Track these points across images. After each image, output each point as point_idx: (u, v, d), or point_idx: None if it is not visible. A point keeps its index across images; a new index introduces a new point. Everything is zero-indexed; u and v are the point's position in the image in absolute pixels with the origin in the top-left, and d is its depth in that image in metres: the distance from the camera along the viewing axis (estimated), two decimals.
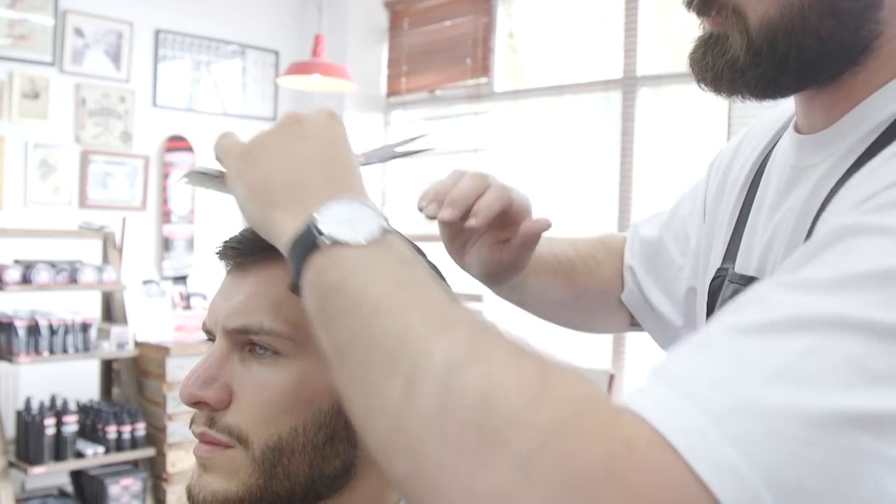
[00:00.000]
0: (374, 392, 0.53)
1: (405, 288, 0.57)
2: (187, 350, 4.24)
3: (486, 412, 0.48)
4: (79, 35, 4.68)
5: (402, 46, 5.44)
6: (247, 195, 0.68)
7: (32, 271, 3.98)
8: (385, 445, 0.53)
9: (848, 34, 0.69)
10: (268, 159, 0.69)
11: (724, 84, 0.75)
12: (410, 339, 0.53)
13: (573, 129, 4.59)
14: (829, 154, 0.74)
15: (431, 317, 0.54)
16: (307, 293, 0.61)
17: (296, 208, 0.64)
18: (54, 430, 3.93)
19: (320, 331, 0.60)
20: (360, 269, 0.58)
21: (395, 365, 0.53)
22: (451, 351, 0.51)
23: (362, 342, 0.55)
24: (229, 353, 0.76)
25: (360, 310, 0.56)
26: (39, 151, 4.56)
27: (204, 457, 0.75)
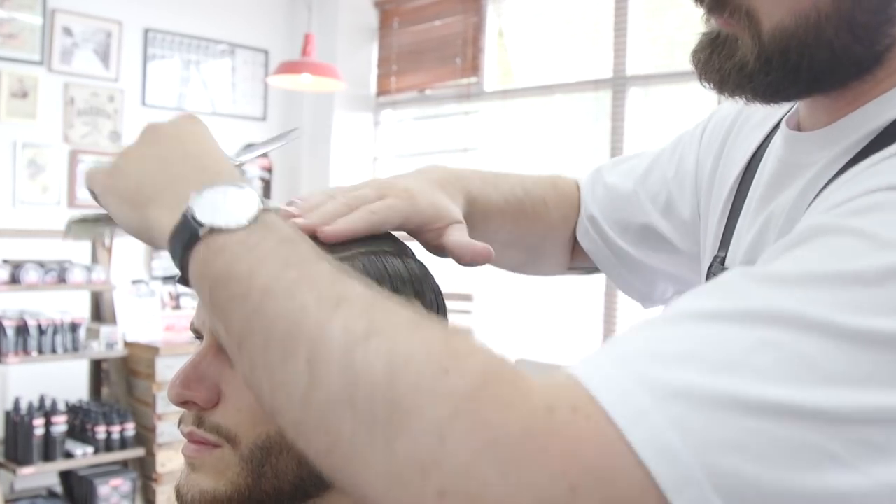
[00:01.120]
0: (278, 376, 0.54)
1: (292, 267, 0.57)
2: (177, 350, 4.23)
3: (394, 384, 0.49)
4: (67, 34, 4.66)
5: (392, 46, 5.44)
6: (118, 203, 0.68)
7: (21, 271, 3.97)
8: (297, 427, 0.53)
9: (862, 48, 0.68)
10: (134, 165, 0.69)
11: (730, 86, 0.74)
12: (306, 319, 0.53)
13: (563, 129, 4.60)
14: (822, 155, 0.74)
15: (323, 294, 0.55)
16: (195, 285, 0.60)
17: (171, 202, 0.63)
18: (43, 430, 3.92)
19: (215, 321, 0.60)
20: (243, 254, 0.58)
21: (295, 347, 0.53)
22: (348, 327, 0.52)
23: (258, 328, 0.55)
24: (217, 352, 0.76)
25: (251, 295, 0.56)
26: (28, 151, 4.54)
27: (192, 456, 0.75)
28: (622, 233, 1.06)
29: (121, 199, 0.68)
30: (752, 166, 0.89)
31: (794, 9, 0.67)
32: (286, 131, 0.89)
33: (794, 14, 0.67)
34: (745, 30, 0.70)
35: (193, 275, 0.60)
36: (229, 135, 5.37)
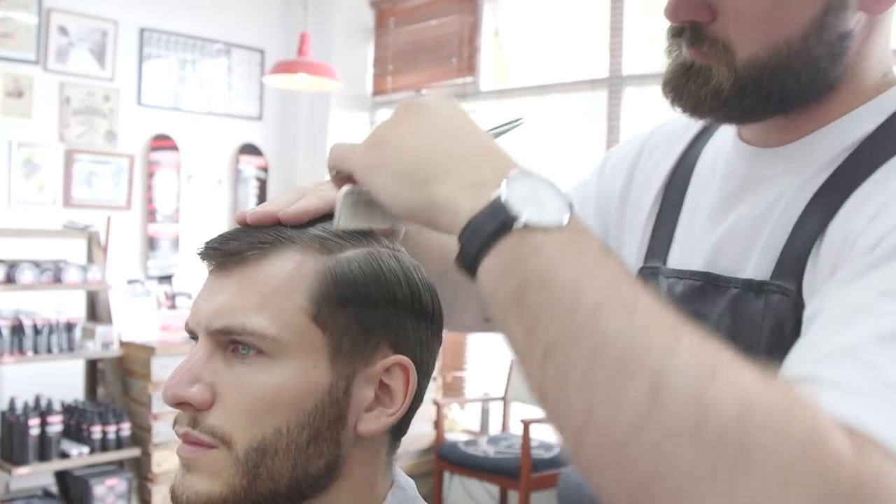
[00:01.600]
0: (604, 393, 0.52)
1: (621, 285, 0.55)
2: (172, 350, 4.23)
3: (745, 426, 0.49)
4: (63, 33, 4.66)
5: (388, 45, 5.44)
6: (393, 179, 0.64)
7: (16, 271, 3.96)
8: (617, 448, 0.51)
9: (822, 77, 0.80)
10: (403, 139, 0.65)
11: (704, 109, 0.83)
12: (649, 344, 0.52)
13: (559, 129, 4.60)
14: (790, 168, 0.83)
15: (659, 321, 0.53)
16: (493, 276, 0.57)
17: (464, 182, 0.61)
18: (39, 430, 3.91)
19: (511, 318, 0.56)
20: (567, 260, 0.55)
21: (635, 370, 0.51)
22: (696, 361, 0.51)
23: (585, 341, 0.53)
24: (212, 353, 0.76)
25: (579, 307, 0.53)
26: (23, 150, 4.54)
27: (187, 457, 0.75)
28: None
29: (396, 174, 0.64)
30: (676, 182, 0.97)
31: (768, 43, 0.78)
32: (511, 120, 0.83)
33: (768, 48, 0.78)
34: (720, 61, 0.80)
35: (494, 267, 0.57)
36: (225, 134, 5.37)
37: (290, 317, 0.74)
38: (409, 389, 0.79)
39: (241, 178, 5.44)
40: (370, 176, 0.66)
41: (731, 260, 0.86)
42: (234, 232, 0.78)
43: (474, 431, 4.96)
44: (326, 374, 0.75)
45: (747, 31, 0.79)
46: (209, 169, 5.32)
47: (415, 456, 4.57)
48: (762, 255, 0.83)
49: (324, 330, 0.75)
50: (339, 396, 0.76)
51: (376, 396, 0.78)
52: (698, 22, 0.81)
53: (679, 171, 0.98)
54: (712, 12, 0.80)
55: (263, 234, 0.77)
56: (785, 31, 0.78)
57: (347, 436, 0.77)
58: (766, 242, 0.83)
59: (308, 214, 0.78)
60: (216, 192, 5.36)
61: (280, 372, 0.74)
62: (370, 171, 0.66)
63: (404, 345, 0.79)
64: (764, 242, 0.83)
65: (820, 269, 0.76)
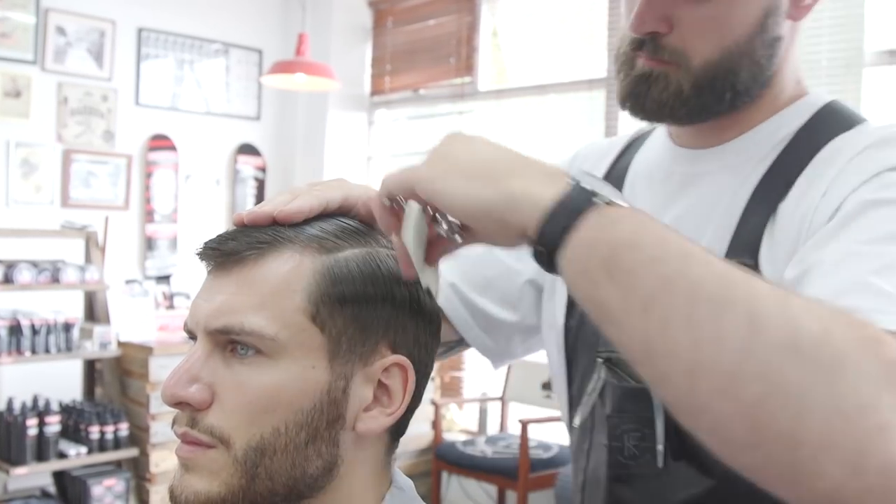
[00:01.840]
0: (708, 330, 0.58)
1: (689, 242, 0.63)
2: (170, 350, 4.23)
3: (830, 338, 0.57)
4: (61, 33, 4.65)
5: (386, 45, 5.44)
6: (466, 181, 0.68)
7: (14, 271, 3.96)
8: (729, 374, 0.58)
9: (761, 74, 0.94)
10: (465, 151, 0.70)
11: (665, 112, 0.95)
12: (735, 280, 0.60)
13: (557, 129, 4.61)
14: (727, 164, 0.97)
15: (729, 266, 0.62)
16: (582, 248, 0.63)
17: (538, 176, 0.67)
18: (36, 430, 3.91)
19: (603, 282, 0.62)
20: (645, 224, 0.64)
21: (731, 303, 0.59)
22: (773, 290, 0.60)
23: (680, 288, 0.60)
24: (211, 353, 0.76)
25: (669, 259, 0.61)
26: (21, 150, 4.53)
27: (186, 457, 0.75)
28: (483, 292, 1.16)
29: (469, 176, 0.68)
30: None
31: (721, 45, 0.91)
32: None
33: (720, 49, 0.91)
34: (678, 66, 0.92)
35: (583, 239, 0.63)
36: (223, 134, 5.37)
37: (289, 316, 0.75)
38: (407, 389, 0.79)
39: (239, 178, 5.44)
40: (440, 184, 0.69)
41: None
42: (233, 232, 0.78)
43: (472, 431, 4.96)
44: (325, 374, 0.75)
45: (702, 38, 0.91)
46: (207, 169, 5.32)
47: (413, 456, 4.57)
48: (714, 239, 0.94)
49: (322, 330, 0.75)
50: (337, 396, 0.76)
51: (375, 396, 0.78)
52: (658, 34, 0.92)
53: (611, 179, 1.10)
54: (669, 24, 0.91)
55: (262, 234, 0.77)
56: (734, 35, 0.91)
57: (346, 436, 0.77)
58: (717, 227, 0.94)
59: (303, 214, 0.79)
60: (214, 192, 5.36)
61: (279, 372, 0.74)
62: (439, 180, 0.69)
63: (403, 344, 0.79)
64: (714, 228, 0.95)
65: (779, 242, 0.88)
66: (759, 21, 0.91)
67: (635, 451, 0.97)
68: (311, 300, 0.75)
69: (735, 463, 0.61)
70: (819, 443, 0.56)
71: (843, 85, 3.49)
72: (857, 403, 0.56)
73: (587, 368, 1.04)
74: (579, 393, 1.06)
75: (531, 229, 0.66)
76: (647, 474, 0.96)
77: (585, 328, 1.04)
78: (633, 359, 0.63)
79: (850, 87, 3.48)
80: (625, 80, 0.97)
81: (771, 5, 0.92)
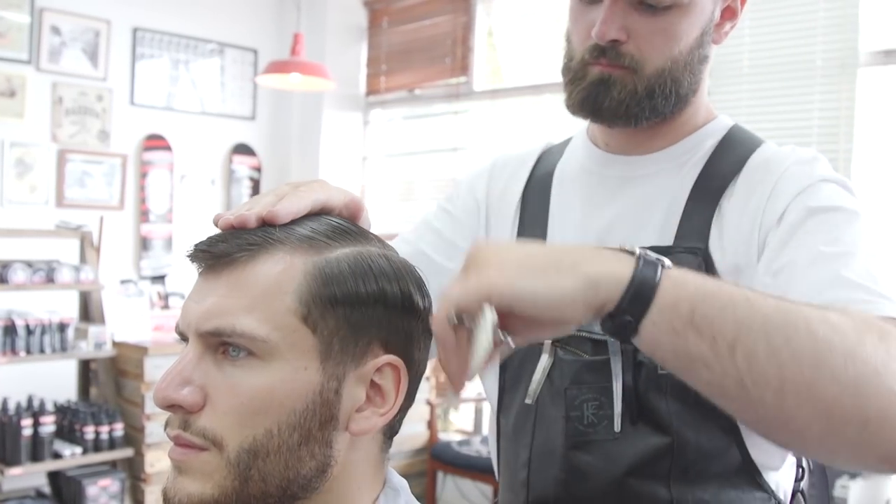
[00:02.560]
0: (786, 350, 0.70)
1: (733, 286, 0.76)
2: (165, 350, 4.22)
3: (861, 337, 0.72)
4: (55, 33, 4.65)
5: (382, 45, 5.44)
6: (537, 274, 0.72)
7: (9, 271, 3.95)
8: (809, 384, 0.70)
9: (695, 83, 1.11)
10: (523, 255, 0.75)
11: (620, 112, 1.08)
12: (787, 309, 0.73)
13: (552, 129, 4.60)
14: (662, 168, 1.12)
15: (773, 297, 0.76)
16: (666, 311, 0.72)
17: (605, 260, 0.74)
18: (31, 430, 3.90)
19: (691, 337, 0.71)
20: (701, 279, 0.74)
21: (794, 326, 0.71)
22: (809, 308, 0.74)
23: (756, 324, 0.71)
24: (203, 355, 0.76)
25: (739, 302, 0.72)
26: (16, 150, 4.52)
27: (179, 459, 0.75)
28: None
29: (539, 270, 0.73)
30: (533, 193, 1.22)
31: (670, 55, 1.07)
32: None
33: (670, 59, 1.07)
34: (632, 71, 1.06)
35: (665, 304, 0.72)
36: (218, 134, 5.36)
37: (280, 318, 0.74)
38: (400, 389, 0.80)
39: (234, 178, 5.44)
40: (519, 283, 0.72)
41: (624, 239, 1.07)
42: (223, 234, 0.78)
43: (468, 431, 4.96)
44: (317, 375, 0.75)
45: (654, 47, 1.06)
46: (202, 169, 5.31)
47: (408, 456, 4.57)
48: (659, 229, 1.08)
49: (314, 331, 0.75)
50: (330, 397, 0.76)
51: (368, 396, 0.78)
52: (618, 42, 1.05)
53: (532, 184, 1.23)
54: (627, 34, 1.05)
55: (252, 236, 0.77)
56: (680, 46, 1.07)
57: (339, 436, 0.77)
58: (661, 219, 1.09)
59: (291, 214, 0.80)
60: (209, 192, 5.36)
61: (270, 373, 0.74)
62: (517, 280, 0.72)
63: (395, 344, 0.79)
64: (658, 219, 1.09)
65: (728, 232, 1.04)
66: (698, 38, 1.08)
67: (594, 418, 1.07)
68: (302, 301, 0.75)
69: (812, 451, 0.80)
70: (881, 418, 0.70)
71: (838, 85, 3.50)
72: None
73: (527, 353, 1.12)
74: (517, 377, 1.15)
75: (611, 306, 0.73)
76: (604, 439, 1.06)
77: None
78: (727, 394, 0.73)
79: (844, 88, 3.48)
80: (578, 87, 1.10)
81: (706, 26, 1.08)
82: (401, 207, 5.29)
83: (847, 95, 3.47)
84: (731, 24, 1.13)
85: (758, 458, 1.05)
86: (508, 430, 1.17)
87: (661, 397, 1.03)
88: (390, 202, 5.39)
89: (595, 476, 1.07)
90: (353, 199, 0.87)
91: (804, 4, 3.54)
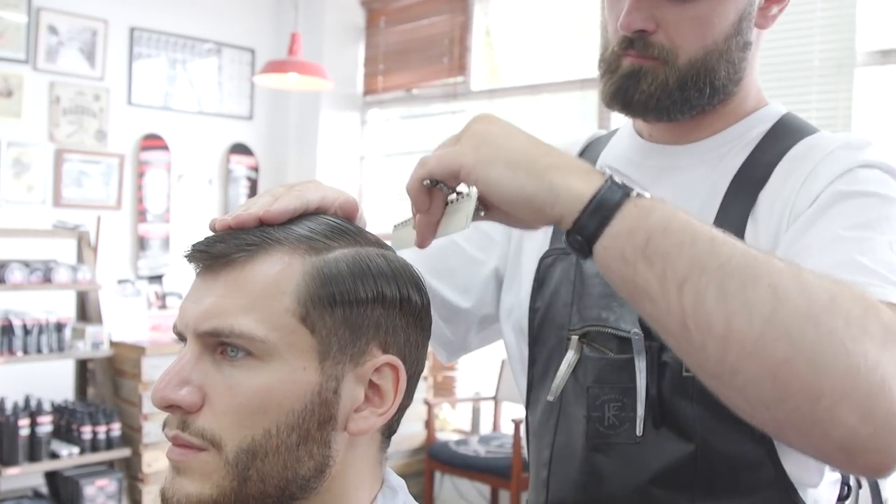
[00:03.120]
0: (738, 302, 0.68)
1: (710, 227, 0.73)
2: (163, 350, 4.22)
3: (837, 303, 0.69)
4: (53, 32, 4.64)
5: (379, 45, 5.44)
6: (510, 171, 0.75)
7: (6, 271, 3.95)
8: (758, 339, 0.67)
9: (735, 73, 1.04)
10: (504, 141, 0.77)
11: (652, 104, 1.02)
12: (756, 257, 0.70)
13: (550, 128, 4.61)
14: (703, 159, 1.07)
15: (745, 246, 0.72)
16: (620, 238, 0.72)
17: (572, 171, 0.75)
18: (28, 430, 3.90)
19: (640, 268, 0.71)
20: (672, 211, 0.72)
21: (756, 277, 0.69)
22: (788, 265, 0.71)
23: (711, 265, 0.69)
24: (201, 355, 0.76)
25: (699, 240, 0.70)
26: (13, 150, 4.52)
27: (177, 460, 0.75)
28: (444, 279, 1.20)
29: (513, 166, 0.75)
30: None
31: (703, 45, 1.00)
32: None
33: (703, 48, 1.00)
34: (664, 63, 1.01)
35: (621, 230, 0.72)
36: (216, 134, 5.36)
37: (279, 318, 0.74)
38: (398, 389, 0.79)
39: (231, 177, 5.43)
40: (486, 170, 0.76)
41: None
42: (221, 234, 0.78)
43: (465, 431, 4.96)
44: (316, 376, 0.75)
45: (686, 37, 1.00)
46: (199, 168, 5.31)
47: (405, 455, 4.57)
48: None
49: (312, 331, 0.75)
50: (328, 397, 0.76)
51: (366, 396, 0.78)
52: (645, 32, 1.00)
53: None
54: (655, 24, 1.00)
55: (250, 236, 0.77)
56: (714, 35, 1.00)
57: (337, 437, 0.77)
58: (698, 212, 0.99)
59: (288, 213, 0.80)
60: (207, 191, 5.35)
61: (269, 374, 0.74)
62: (486, 165, 0.76)
63: (393, 344, 0.79)
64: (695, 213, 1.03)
65: (762, 225, 0.98)
66: (735, 24, 1.01)
67: (615, 420, 1.02)
68: (300, 301, 0.75)
69: (759, 419, 0.72)
70: (836, 394, 0.67)
71: (835, 85, 3.50)
72: (865, 360, 0.67)
73: (555, 348, 1.09)
74: (544, 372, 1.11)
75: (568, 220, 0.74)
76: (626, 443, 1.01)
77: (553, 310, 1.09)
78: (668, 332, 0.72)
79: (841, 88, 3.49)
80: (611, 79, 1.05)
81: (744, 11, 1.01)
82: (398, 207, 5.29)
83: (844, 95, 3.47)
84: (779, 7, 1.06)
85: (793, 472, 0.96)
86: (535, 426, 1.14)
87: (687, 402, 0.97)
88: (388, 202, 5.39)
89: (615, 481, 1.02)
90: (349, 198, 0.87)
91: (801, 4, 3.55)
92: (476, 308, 1.21)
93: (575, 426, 1.06)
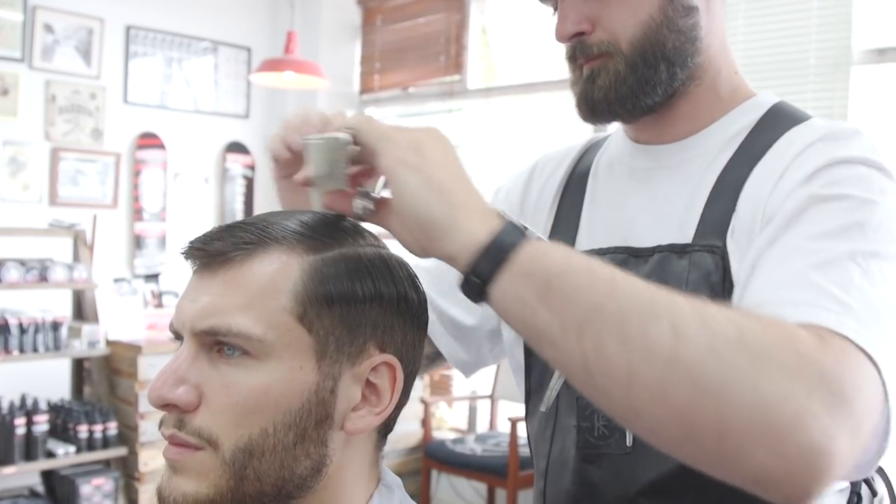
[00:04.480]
0: (639, 343, 0.66)
1: (609, 266, 0.71)
2: (159, 348, 4.21)
3: (744, 339, 0.66)
4: (48, 31, 4.63)
5: (375, 43, 5.44)
6: (425, 187, 0.74)
7: (2, 269, 3.94)
8: (660, 381, 0.66)
9: (689, 44, 1.00)
10: (438, 160, 0.76)
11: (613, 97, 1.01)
12: (657, 298, 0.68)
13: (546, 127, 4.61)
14: (687, 157, 1.04)
15: (649, 285, 0.70)
16: (518, 280, 0.70)
17: (479, 211, 0.74)
18: (25, 429, 3.89)
19: (540, 310, 0.69)
20: (572, 255, 0.72)
21: (656, 317, 0.67)
22: (691, 303, 0.68)
23: (611, 308, 0.67)
24: (197, 354, 0.76)
25: (598, 284, 0.69)
26: (9, 149, 4.51)
27: (174, 459, 0.75)
28: (447, 296, 1.18)
29: (431, 185, 0.74)
30: (572, 186, 1.17)
31: (637, 21, 0.98)
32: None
33: (640, 26, 0.98)
34: (609, 56, 1.00)
35: (517, 272, 0.70)
36: (212, 133, 5.36)
37: (276, 317, 0.74)
38: (395, 388, 0.79)
39: (227, 176, 5.43)
40: (405, 173, 0.75)
41: (645, 233, 1.03)
42: (218, 232, 0.78)
43: (462, 430, 4.96)
44: (313, 375, 0.75)
45: (620, 22, 0.99)
46: (196, 167, 5.31)
47: (402, 454, 4.57)
48: (681, 224, 1.00)
49: (310, 330, 0.75)
50: (325, 396, 0.76)
51: (363, 395, 0.78)
52: (583, 35, 1.01)
53: (573, 179, 1.17)
54: (591, 23, 1.00)
55: (248, 234, 0.77)
56: (646, 9, 0.98)
57: (334, 435, 0.77)
58: (684, 213, 1.01)
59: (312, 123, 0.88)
60: (203, 190, 5.35)
61: (266, 372, 0.74)
62: (407, 169, 0.75)
63: (391, 343, 0.79)
64: (681, 214, 1.01)
65: (740, 225, 0.94)
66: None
67: (605, 430, 1.01)
68: (298, 300, 0.75)
69: (673, 454, 0.70)
70: (743, 432, 0.65)
71: (832, 84, 3.50)
72: (775, 394, 0.65)
73: None
74: (540, 381, 1.10)
75: (462, 261, 0.73)
76: (616, 454, 1.00)
77: None
78: (572, 376, 0.70)
79: (838, 86, 3.49)
80: (574, 91, 1.06)
81: None
82: None
83: (840, 94, 3.47)
84: None
85: None
86: (534, 436, 1.14)
87: None
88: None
89: (606, 493, 1.00)
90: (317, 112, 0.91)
91: (797, 3, 3.55)
92: (481, 324, 1.20)
93: (568, 436, 1.05)
